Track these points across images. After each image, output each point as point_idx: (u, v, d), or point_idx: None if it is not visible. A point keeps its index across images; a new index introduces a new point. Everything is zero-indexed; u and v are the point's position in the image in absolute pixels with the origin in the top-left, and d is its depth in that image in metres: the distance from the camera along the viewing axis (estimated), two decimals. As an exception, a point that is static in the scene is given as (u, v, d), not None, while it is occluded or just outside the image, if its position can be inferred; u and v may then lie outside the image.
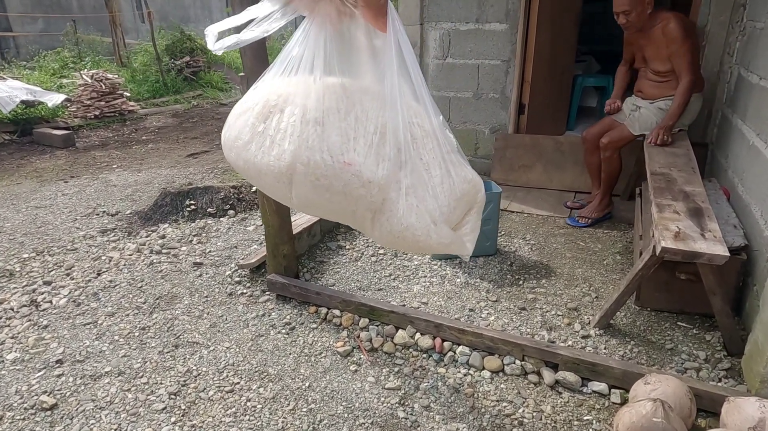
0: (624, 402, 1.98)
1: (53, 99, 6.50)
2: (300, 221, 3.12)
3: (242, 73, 2.32)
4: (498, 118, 4.19)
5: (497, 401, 2.02)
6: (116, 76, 7.29)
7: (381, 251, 3.14)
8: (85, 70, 7.49)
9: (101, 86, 6.82)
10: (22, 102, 6.23)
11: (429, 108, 1.42)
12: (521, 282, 2.79)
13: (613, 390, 2.03)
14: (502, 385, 2.10)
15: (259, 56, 2.23)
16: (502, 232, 3.34)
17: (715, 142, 3.47)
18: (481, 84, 4.14)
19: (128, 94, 7.40)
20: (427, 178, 1.41)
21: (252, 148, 1.41)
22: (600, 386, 2.04)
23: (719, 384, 2.01)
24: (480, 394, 2.06)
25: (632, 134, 3.17)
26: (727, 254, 1.83)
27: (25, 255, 3.29)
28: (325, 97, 1.33)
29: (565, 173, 3.98)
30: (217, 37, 1.46)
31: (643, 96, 3.20)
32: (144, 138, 6.41)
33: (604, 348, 2.26)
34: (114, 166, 5.24)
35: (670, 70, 2.94)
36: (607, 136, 3.25)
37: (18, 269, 3.12)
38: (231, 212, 3.78)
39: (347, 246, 3.21)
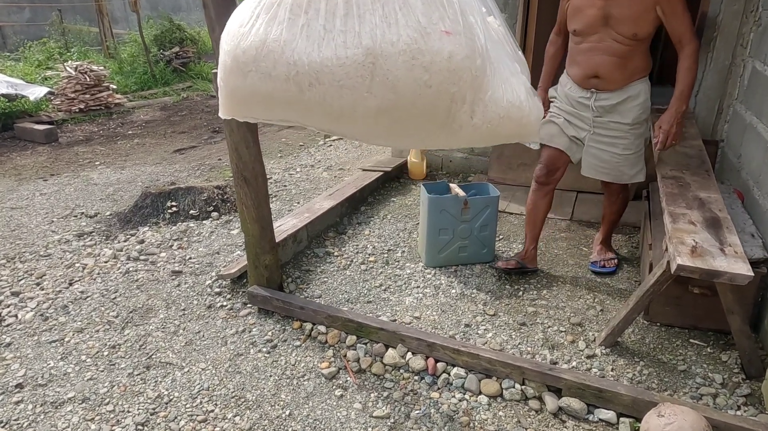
0: (634, 433, 1.81)
1: (35, 92, 6.26)
2: (284, 227, 2.93)
3: (214, 70, 2.10)
4: (496, 113, 3.97)
5: (495, 431, 1.85)
6: (102, 67, 7.03)
7: (371, 258, 2.95)
8: (70, 61, 7.23)
9: (86, 78, 6.57)
10: (3, 95, 6.00)
11: None
12: (521, 293, 2.61)
13: (622, 419, 1.85)
14: (501, 413, 1.93)
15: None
16: (500, 236, 3.15)
17: (726, 140, 3.28)
18: (479, 77, 3.93)
19: (114, 87, 7.15)
20: (503, 51, 1.32)
21: (299, 46, 1.17)
22: (608, 414, 1.87)
23: (738, 413, 1.84)
24: (476, 423, 1.88)
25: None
26: (751, 274, 1.65)
27: (-5, 262, 3.09)
28: None
29: (567, 171, 3.77)
30: None
31: (602, 86, 2.34)
32: (130, 132, 6.18)
33: (611, 370, 2.09)
34: (97, 163, 5.03)
35: (643, 38, 2.23)
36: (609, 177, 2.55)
37: (-14, 278, 2.93)
38: (214, 214, 3.58)
39: (336, 253, 3.02)
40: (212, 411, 1.96)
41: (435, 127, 1.27)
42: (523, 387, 1.99)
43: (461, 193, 2.76)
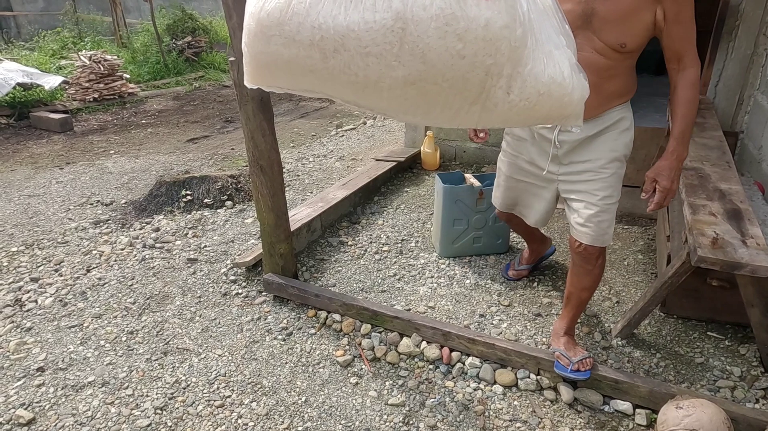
0: (650, 424, 1.80)
1: (50, 81, 6.32)
2: (298, 216, 2.94)
3: (232, 58, 2.11)
4: (511, 103, 3.94)
5: (510, 421, 1.85)
6: (115, 57, 7.07)
7: (385, 248, 2.95)
8: (83, 51, 7.27)
9: (100, 68, 6.62)
10: (19, 84, 6.06)
11: None
12: (535, 284, 2.60)
13: (638, 410, 1.84)
14: (516, 402, 1.93)
15: (250, 39, 2.01)
16: (515, 227, 3.14)
17: (746, 131, 3.23)
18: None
19: (128, 76, 7.19)
20: (548, 22, 1.19)
21: (325, 9, 1.09)
22: (624, 405, 1.86)
23: (757, 406, 1.83)
24: (491, 412, 1.89)
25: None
26: (774, 266, 1.62)
27: (14, 249, 3.14)
28: None
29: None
30: None
31: None
32: (143, 122, 6.22)
33: (628, 361, 2.08)
34: (111, 152, 5.07)
35: (632, 50, 1.65)
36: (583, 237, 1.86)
37: (5, 264, 2.97)
38: (228, 203, 3.60)
39: (349, 242, 3.03)
40: (229, 396, 1.98)
41: (467, 103, 1.17)
42: (538, 377, 1.99)
43: (476, 183, 2.75)
